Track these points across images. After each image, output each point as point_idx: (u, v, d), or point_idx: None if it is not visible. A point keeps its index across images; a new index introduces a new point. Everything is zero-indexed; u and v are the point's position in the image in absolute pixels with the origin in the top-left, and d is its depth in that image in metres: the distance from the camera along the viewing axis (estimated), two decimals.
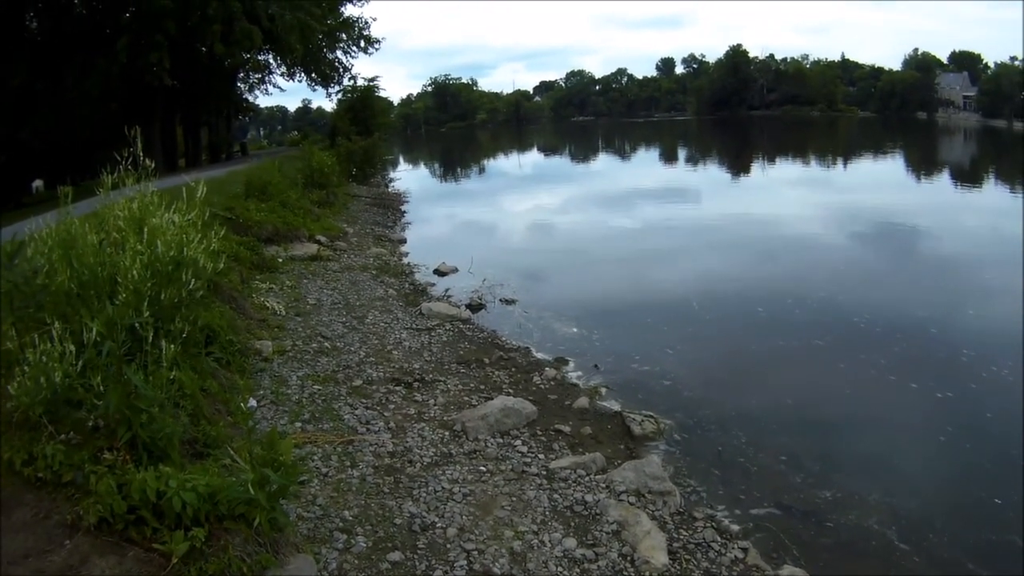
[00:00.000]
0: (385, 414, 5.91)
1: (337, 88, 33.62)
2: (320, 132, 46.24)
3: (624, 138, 68.10)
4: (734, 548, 4.36)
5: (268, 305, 8.54)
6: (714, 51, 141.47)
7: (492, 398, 6.30)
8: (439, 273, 12.63)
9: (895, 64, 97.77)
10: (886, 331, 8.77)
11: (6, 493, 2.91)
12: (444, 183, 36.33)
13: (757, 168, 35.66)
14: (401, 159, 51.02)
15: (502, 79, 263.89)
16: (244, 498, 2.94)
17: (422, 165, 49.71)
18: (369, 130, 29.39)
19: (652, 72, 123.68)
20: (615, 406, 6.65)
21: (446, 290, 11.13)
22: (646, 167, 39.34)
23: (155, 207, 4.73)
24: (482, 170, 42.15)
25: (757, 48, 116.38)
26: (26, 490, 2.94)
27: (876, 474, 5.47)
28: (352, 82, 33.19)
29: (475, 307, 10.22)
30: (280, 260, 11.08)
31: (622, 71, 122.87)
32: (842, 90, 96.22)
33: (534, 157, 52.10)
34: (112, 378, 3.23)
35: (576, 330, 9.24)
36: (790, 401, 6.95)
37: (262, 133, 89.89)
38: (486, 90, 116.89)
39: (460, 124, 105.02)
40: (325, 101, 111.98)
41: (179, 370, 4.03)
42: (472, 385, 6.87)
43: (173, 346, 3.68)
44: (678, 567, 4.12)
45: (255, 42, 23.53)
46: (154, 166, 4.89)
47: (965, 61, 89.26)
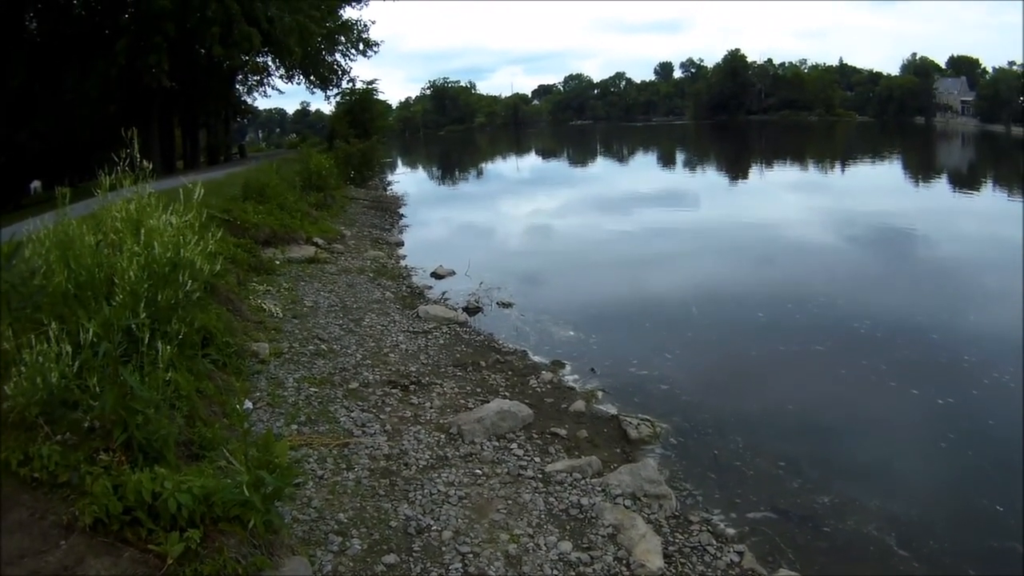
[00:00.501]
0: (381, 417, 5.91)
1: (336, 91, 33.83)
2: (318, 135, 46.39)
3: (622, 142, 68.18)
4: (730, 552, 4.35)
5: (265, 307, 8.54)
6: (712, 55, 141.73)
7: (488, 401, 6.28)
8: (436, 276, 12.64)
9: (893, 69, 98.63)
10: (886, 336, 8.73)
11: (2, 493, 2.91)
12: (442, 186, 36.38)
13: (755, 172, 35.72)
14: (399, 162, 51.13)
15: (500, 82, 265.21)
16: (239, 500, 2.95)
17: (420, 168, 49.79)
18: (367, 133, 29.52)
19: (650, 76, 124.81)
20: (611, 410, 6.63)
21: (443, 293, 11.13)
22: (644, 171, 39.34)
23: (152, 209, 4.75)
24: (480, 173, 42.16)
25: (755, 52, 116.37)
26: (22, 490, 2.95)
27: (875, 480, 5.43)
28: (351, 85, 33.39)
29: (472, 310, 10.21)
30: (277, 262, 11.08)
31: (620, 75, 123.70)
32: (840, 95, 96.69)
33: (532, 160, 52.10)
34: (108, 379, 3.24)
35: (573, 334, 9.23)
36: (789, 406, 6.88)
37: (260, 135, 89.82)
38: (484, 93, 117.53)
39: (458, 127, 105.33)
40: (324, 104, 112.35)
41: (175, 372, 4.05)
42: (468, 388, 6.86)
43: (169, 348, 3.70)
44: (673, 571, 4.11)
45: (254, 44, 23.55)
46: (152, 168, 4.91)
47: (963, 66, 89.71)
